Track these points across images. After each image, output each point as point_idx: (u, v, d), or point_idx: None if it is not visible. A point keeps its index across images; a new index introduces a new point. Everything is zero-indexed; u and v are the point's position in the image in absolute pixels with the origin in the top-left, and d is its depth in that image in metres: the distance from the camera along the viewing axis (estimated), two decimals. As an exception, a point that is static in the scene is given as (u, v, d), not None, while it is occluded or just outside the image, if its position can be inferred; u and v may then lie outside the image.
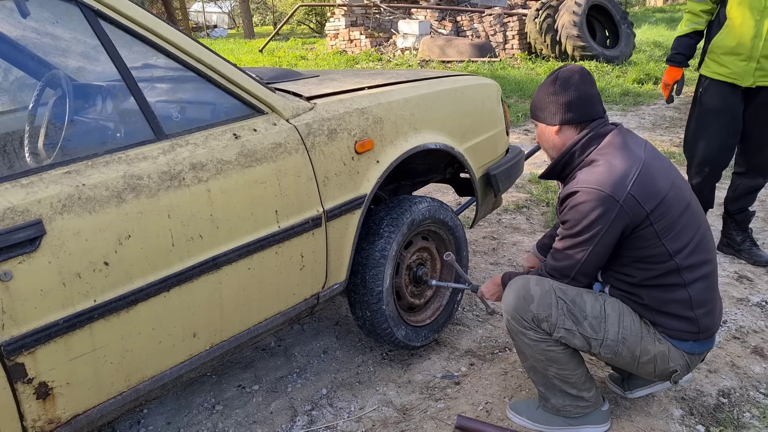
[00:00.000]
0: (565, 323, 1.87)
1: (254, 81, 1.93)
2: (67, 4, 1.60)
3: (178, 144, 1.73)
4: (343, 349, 2.65)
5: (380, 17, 14.22)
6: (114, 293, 1.57)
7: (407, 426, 2.15)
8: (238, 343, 1.93)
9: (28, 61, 1.92)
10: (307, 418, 2.22)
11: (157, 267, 1.65)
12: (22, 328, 1.43)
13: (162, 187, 1.65)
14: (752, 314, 2.78)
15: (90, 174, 1.55)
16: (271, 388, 2.40)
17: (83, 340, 1.54)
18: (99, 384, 1.61)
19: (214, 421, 2.23)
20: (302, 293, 2.06)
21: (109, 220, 1.55)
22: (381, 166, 2.18)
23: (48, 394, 1.52)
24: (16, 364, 1.44)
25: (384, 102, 2.23)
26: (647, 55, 11.02)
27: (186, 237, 1.70)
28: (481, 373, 2.43)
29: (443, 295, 2.60)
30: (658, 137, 6.28)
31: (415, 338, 2.44)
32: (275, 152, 1.89)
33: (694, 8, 3.22)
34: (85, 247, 1.51)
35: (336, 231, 2.09)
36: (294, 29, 25.11)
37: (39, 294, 1.45)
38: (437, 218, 2.43)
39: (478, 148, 2.60)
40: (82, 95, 1.84)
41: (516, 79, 9.10)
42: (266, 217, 1.87)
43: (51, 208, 1.47)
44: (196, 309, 1.76)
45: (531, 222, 4.12)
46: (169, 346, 1.73)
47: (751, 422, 2.10)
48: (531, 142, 6.23)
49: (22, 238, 1.42)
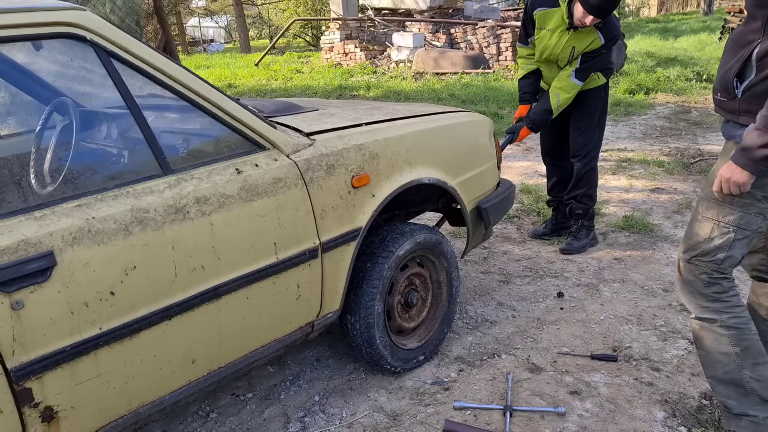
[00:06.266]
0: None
1: (257, 118, 2.01)
2: (81, 45, 1.69)
3: (184, 178, 1.81)
4: (335, 357, 2.73)
5: (375, 30, 14.37)
6: (119, 321, 1.64)
7: (397, 431, 2.22)
8: (235, 369, 2.00)
9: (40, 94, 2.01)
10: (300, 425, 2.29)
11: (160, 296, 1.72)
12: (31, 355, 1.50)
13: (167, 220, 1.72)
14: None
15: (99, 207, 1.63)
16: (265, 396, 2.48)
17: (88, 366, 1.61)
18: (102, 408, 1.67)
19: (208, 428, 2.30)
20: (298, 321, 2.14)
21: (116, 252, 1.62)
22: (376, 199, 2.27)
23: (53, 417, 1.58)
24: (24, 389, 1.51)
25: (380, 138, 2.32)
26: (639, 65, 11.15)
27: (188, 268, 1.77)
28: (470, 379, 2.51)
29: (434, 319, 2.68)
30: (648, 147, 6.44)
31: (405, 361, 2.52)
32: (275, 187, 1.97)
33: (522, 53, 3.72)
34: (93, 278, 1.58)
35: (331, 262, 2.17)
36: (290, 43, 25.25)
37: (48, 322, 1.52)
38: (429, 244, 2.52)
39: (470, 183, 2.70)
40: (93, 131, 1.92)
41: (509, 90, 9.21)
42: (265, 248, 1.95)
43: (62, 240, 1.54)
44: (196, 336, 1.83)
45: (521, 231, 4.22)
46: (169, 372, 1.80)
47: None
48: (523, 153, 6.35)
49: (35, 268, 1.49)
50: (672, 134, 7.03)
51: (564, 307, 3.08)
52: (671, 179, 5.24)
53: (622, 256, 3.71)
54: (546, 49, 3.47)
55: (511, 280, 3.44)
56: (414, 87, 10.08)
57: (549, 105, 3.49)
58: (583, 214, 3.76)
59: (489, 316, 3.03)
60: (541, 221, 4.30)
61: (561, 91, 3.44)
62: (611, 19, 3.33)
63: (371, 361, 2.46)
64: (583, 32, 3.32)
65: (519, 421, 2.23)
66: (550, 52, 3.46)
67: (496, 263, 3.68)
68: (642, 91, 9.53)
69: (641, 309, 3.03)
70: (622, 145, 6.50)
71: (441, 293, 2.69)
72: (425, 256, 2.59)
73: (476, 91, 9.17)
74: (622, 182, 5.20)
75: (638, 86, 9.66)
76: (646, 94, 9.44)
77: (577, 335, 2.81)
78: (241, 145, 1.98)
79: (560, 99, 3.45)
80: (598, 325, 2.90)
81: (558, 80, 3.45)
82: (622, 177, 5.35)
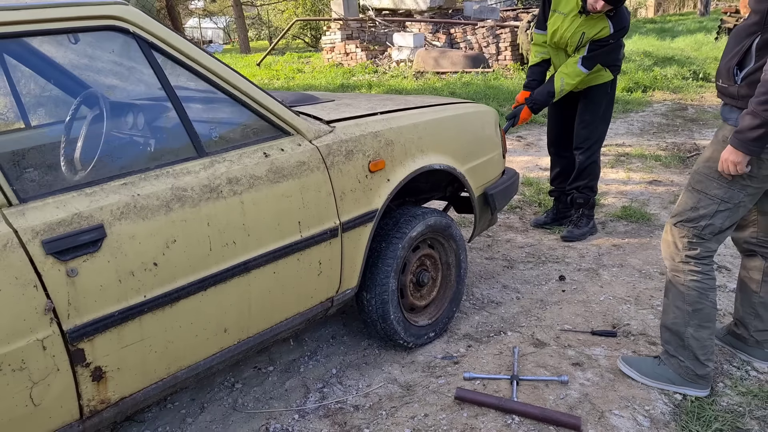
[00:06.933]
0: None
1: (282, 106, 2.17)
2: (125, 37, 1.84)
3: (217, 161, 1.96)
4: (349, 334, 2.90)
5: (375, 30, 14.53)
6: (161, 290, 1.79)
7: (411, 399, 2.39)
8: (262, 340, 2.15)
9: (86, 83, 2.16)
10: (319, 395, 2.46)
11: (197, 269, 1.87)
12: (84, 318, 1.65)
13: (203, 198, 1.88)
14: (729, 299, 3.04)
15: (143, 185, 1.78)
16: (285, 369, 2.64)
17: (133, 331, 1.76)
18: (144, 370, 1.82)
19: (234, 397, 2.46)
20: (319, 296, 2.29)
21: (158, 226, 1.77)
22: (391, 183, 2.42)
23: (101, 377, 1.73)
24: (78, 350, 1.66)
25: (395, 126, 2.47)
26: (636, 64, 11.31)
27: (222, 243, 1.92)
28: (478, 354, 2.67)
29: (444, 298, 2.84)
30: (645, 142, 6.63)
31: (416, 337, 2.68)
32: (300, 170, 2.13)
33: (537, 39, 3.83)
34: (138, 249, 1.73)
35: (350, 241, 2.32)
36: (289, 43, 25.39)
37: (99, 289, 1.67)
38: (439, 227, 2.68)
39: (477, 170, 2.85)
40: (136, 116, 2.08)
41: (509, 89, 9.40)
42: (290, 227, 2.10)
43: (111, 214, 1.69)
44: (228, 307, 1.98)
45: (523, 221, 4.39)
46: (203, 339, 1.95)
47: (725, 390, 2.35)
48: (524, 147, 6.52)
49: (87, 240, 1.64)
50: (669, 130, 7.19)
51: (566, 290, 3.24)
52: (668, 172, 5.40)
53: (620, 243, 3.87)
54: (557, 31, 3.60)
55: (515, 265, 3.60)
56: (415, 85, 10.24)
57: (552, 88, 3.62)
58: (584, 203, 3.92)
59: (494, 297, 3.19)
60: (542, 211, 4.46)
61: (566, 76, 3.57)
62: (622, 11, 3.47)
63: (385, 336, 2.61)
64: (594, 18, 3.45)
65: (525, 389, 2.38)
66: (560, 35, 3.59)
67: (500, 250, 3.84)
68: (640, 89, 9.70)
69: (639, 290, 3.19)
70: (620, 141, 6.67)
71: (450, 274, 2.85)
72: (436, 239, 2.75)
73: (476, 90, 9.33)
74: (620, 175, 5.36)
75: (636, 84, 9.83)
76: (644, 92, 9.62)
77: (579, 314, 2.97)
78: (268, 130, 2.14)
79: (564, 84, 3.58)
80: (598, 305, 3.06)
81: (565, 66, 3.59)
82: (620, 170, 5.51)
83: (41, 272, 1.56)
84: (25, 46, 2.07)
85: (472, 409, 2.28)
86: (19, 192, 1.59)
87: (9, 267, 1.51)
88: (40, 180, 1.74)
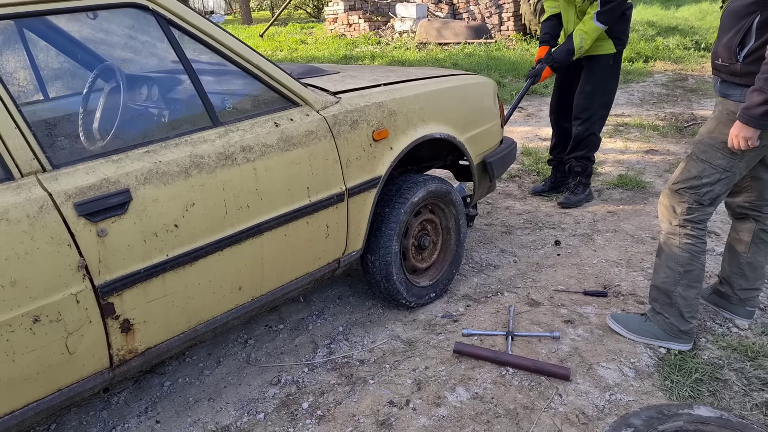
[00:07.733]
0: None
1: (291, 78, 2.29)
2: (144, 14, 1.96)
3: (231, 130, 2.10)
4: (355, 295, 3.07)
5: (378, 2, 14.50)
6: (181, 250, 1.94)
7: (413, 354, 2.56)
8: (274, 298, 2.31)
9: (108, 57, 2.28)
10: (327, 350, 2.63)
11: (214, 230, 2.02)
12: (113, 275, 1.80)
13: (219, 165, 2.02)
14: (716, 262, 3.20)
15: (164, 153, 1.92)
16: (294, 327, 2.82)
17: (157, 287, 1.91)
18: (167, 324, 1.99)
19: (247, 352, 2.65)
20: (326, 258, 2.45)
21: (179, 191, 1.92)
22: (394, 152, 2.56)
23: (129, 329, 1.89)
24: (108, 303, 1.82)
25: (398, 97, 2.60)
26: (639, 34, 11.31)
27: (236, 206, 2.07)
28: (476, 312, 2.85)
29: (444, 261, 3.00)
30: (645, 112, 6.76)
31: (418, 297, 2.84)
32: (308, 138, 2.26)
33: None
34: (161, 212, 1.88)
35: (355, 206, 2.47)
36: (291, 14, 25.27)
37: (126, 248, 1.82)
38: (440, 193, 2.82)
39: (477, 139, 2.99)
40: (155, 89, 2.22)
41: (511, 59, 9.48)
42: (300, 192, 2.25)
43: (136, 179, 1.83)
44: (243, 267, 2.14)
45: (522, 189, 4.55)
46: (220, 297, 2.11)
47: (706, 345, 2.52)
48: (525, 118, 6.63)
49: (115, 203, 1.79)
50: (668, 100, 7.28)
51: (560, 254, 3.40)
52: (665, 141, 5.52)
53: (615, 209, 4.01)
54: None
55: (513, 231, 3.75)
56: (418, 56, 10.29)
57: (572, 45, 3.70)
58: (581, 171, 4.05)
59: (492, 261, 3.35)
60: (540, 180, 4.60)
61: (584, 33, 3.65)
62: None
63: (388, 296, 2.77)
64: None
65: (519, 344, 2.55)
66: None
67: (498, 217, 3.99)
68: (641, 59, 9.73)
69: (630, 254, 3.35)
70: (619, 111, 6.77)
71: (450, 238, 3.00)
72: (436, 204, 2.90)
73: (479, 61, 9.39)
74: (618, 144, 5.48)
75: (638, 54, 9.86)
76: (645, 62, 9.66)
77: (572, 276, 3.13)
78: (278, 101, 2.27)
79: (583, 41, 3.66)
80: (591, 267, 3.21)
81: (582, 23, 3.66)
82: (618, 140, 5.62)
83: (74, 232, 1.71)
84: (47, 23, 2.20)
85: (469, 362, 2.45)
86: (52, 159, 1.74)
87: (45, 227, 1.66)
88: (71, 147, 1.88)
